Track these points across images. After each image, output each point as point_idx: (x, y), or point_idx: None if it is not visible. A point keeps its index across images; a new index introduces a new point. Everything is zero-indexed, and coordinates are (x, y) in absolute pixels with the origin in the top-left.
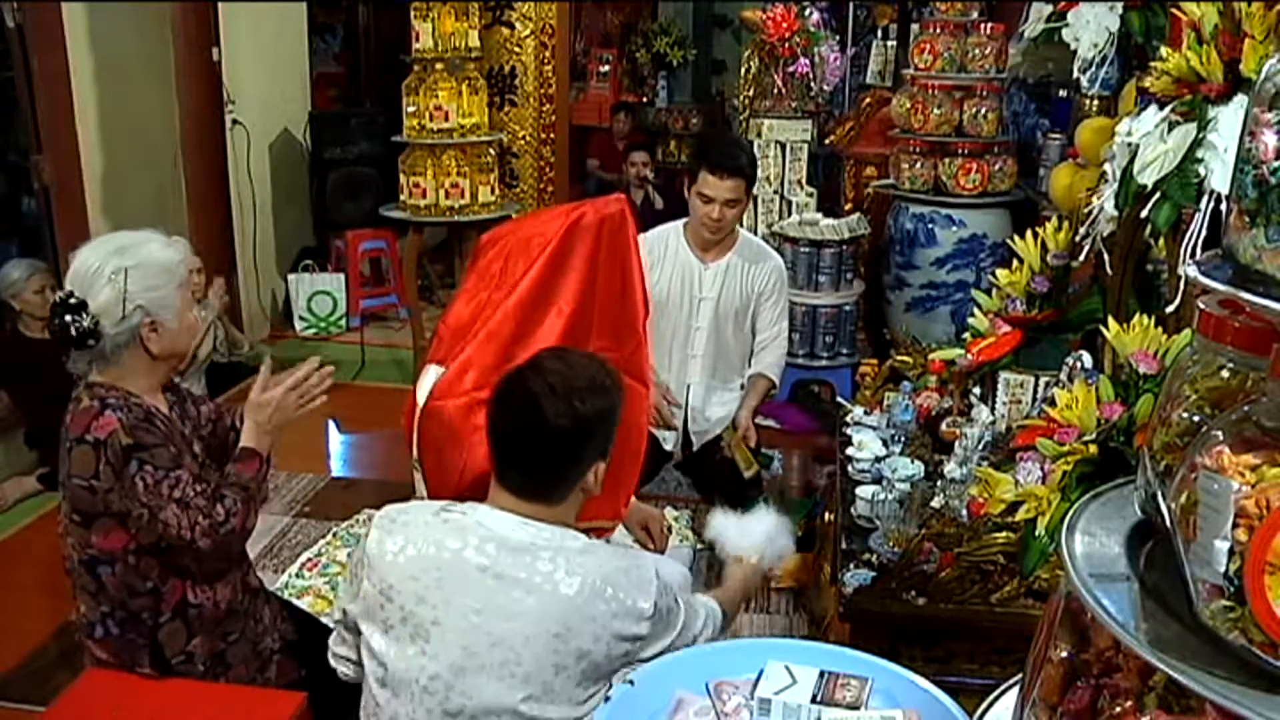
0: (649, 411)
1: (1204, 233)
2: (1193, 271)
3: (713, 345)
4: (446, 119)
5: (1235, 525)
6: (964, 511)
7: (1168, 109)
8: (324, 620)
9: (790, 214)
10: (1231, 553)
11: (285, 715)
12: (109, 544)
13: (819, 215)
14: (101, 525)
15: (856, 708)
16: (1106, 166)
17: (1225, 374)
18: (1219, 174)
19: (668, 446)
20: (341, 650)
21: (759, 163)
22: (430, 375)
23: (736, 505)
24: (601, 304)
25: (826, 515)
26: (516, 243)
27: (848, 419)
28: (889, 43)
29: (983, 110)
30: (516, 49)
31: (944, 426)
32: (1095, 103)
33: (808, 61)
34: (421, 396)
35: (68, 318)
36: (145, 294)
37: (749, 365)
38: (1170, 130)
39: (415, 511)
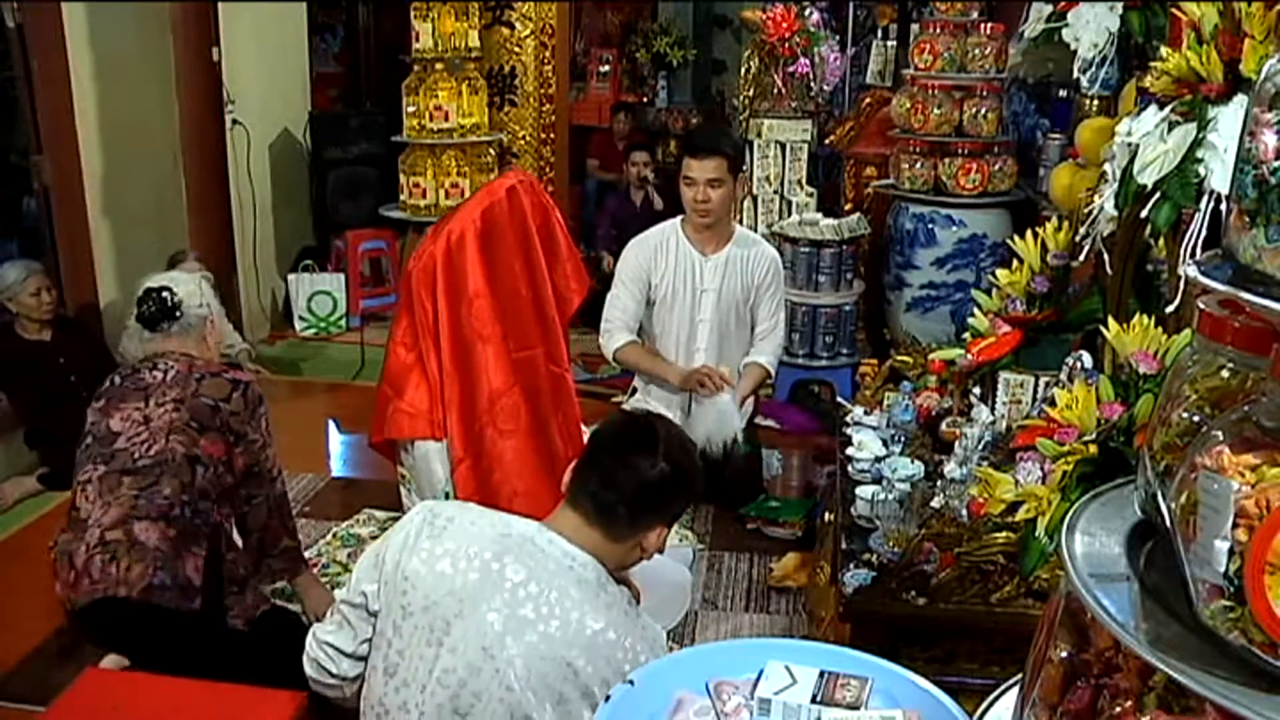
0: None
1: (1204, 233)
2: (1193, 271)
3: (716, 339)
4: (446, 119)
5: (1235, 525)
6: (964, 511)
7: (1168, 109)
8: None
9: (790, 214)
10: (1231, 553)
11: (286, 715)
12: (213, 450)
13: (819, 215)
14: (213, 435)
15: (856, 708)
16: (1106, 166)
17: (1225, 374)
18: (1219, 174)
19: None
20: (334, 639)
21: (760, 163)
22: (433, 452)
23: (735, 503)
24: (515, 307)
25: (826, 515)
26: (420, 274)
27: (848, 419)
28: (889, 43)
29: (983, 110)
30: (516, 49)
31: (944, 426)
32: (1095, 103)
33: (808, 61)
34: (439, 474)
35: (163, 294)
36: (213, 300)
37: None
38: (1170, 130)
39: (466, 518)
